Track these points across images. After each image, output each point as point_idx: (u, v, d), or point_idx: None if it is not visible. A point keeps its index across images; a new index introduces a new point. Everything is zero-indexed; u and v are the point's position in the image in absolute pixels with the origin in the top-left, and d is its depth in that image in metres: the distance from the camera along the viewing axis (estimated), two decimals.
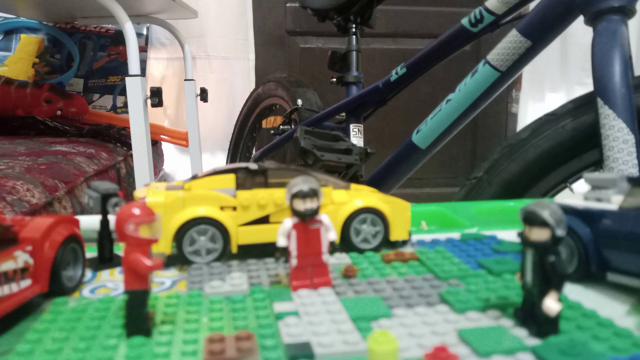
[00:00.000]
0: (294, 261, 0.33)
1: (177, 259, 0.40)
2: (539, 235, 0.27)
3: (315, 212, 0.33)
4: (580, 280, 0.35)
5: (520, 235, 0.28)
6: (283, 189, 0.40)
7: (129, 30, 1.08)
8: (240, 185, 0.41)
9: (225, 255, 0.40)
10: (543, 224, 0.27)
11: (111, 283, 0.36)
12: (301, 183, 0.33)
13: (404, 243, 0.44)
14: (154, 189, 0.41)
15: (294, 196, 0.33)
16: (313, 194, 0.32)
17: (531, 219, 0.27)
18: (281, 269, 0.38)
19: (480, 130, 2.18)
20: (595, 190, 0.36)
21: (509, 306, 0.31)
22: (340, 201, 0.42)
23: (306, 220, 0.33)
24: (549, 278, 0.27)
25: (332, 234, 0.34)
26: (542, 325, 0.27)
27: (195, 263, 0.39)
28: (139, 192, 0.42)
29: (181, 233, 0.39)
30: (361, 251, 0.42)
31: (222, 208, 0.40)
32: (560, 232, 0.27)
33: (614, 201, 0.34)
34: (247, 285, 0.35)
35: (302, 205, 0.32)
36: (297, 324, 0.29)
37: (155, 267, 0.28)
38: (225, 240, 0.40)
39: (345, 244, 0.42)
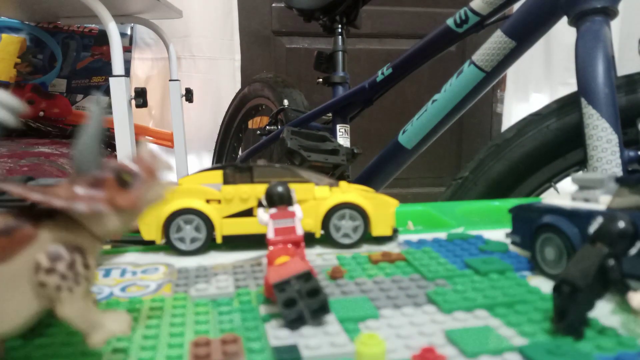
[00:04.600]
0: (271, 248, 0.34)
1: (165, 248, 0.42)
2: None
3: (284, 198, 0.34)
4: None
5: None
6: (266, 185, 0.42)
7: (113, 30, 1.06)
8: (227, 181, 0.43)
9: (209, 246, 0.42)
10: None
11: (94, 287, 0.36)
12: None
13: (390, 239, 0.45)
14: None
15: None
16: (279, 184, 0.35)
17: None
18: None
19: (466, 130, 2.20)
20: (582, 191, 0.36)
21: (496, 306, 0.31)
22: (321, 197, 0.43)
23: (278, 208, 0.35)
24: (608, 281, 0.27)
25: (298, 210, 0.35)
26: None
27: (180, 250, 0.42)
28: None
29: (169, 222, 0.41)
30: (342, 246, 0.43)
31: (208, 201, 0.42)
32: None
33: (601, 201, 0.34)
34: (233, 288, 0.34)
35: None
36: (284, 326, 0.28)
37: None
38: (208, 230, 0.42)
39: (326, 239, 0.43)
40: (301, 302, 0.28)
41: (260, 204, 0.37)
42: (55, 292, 0.22)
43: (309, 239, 0.43)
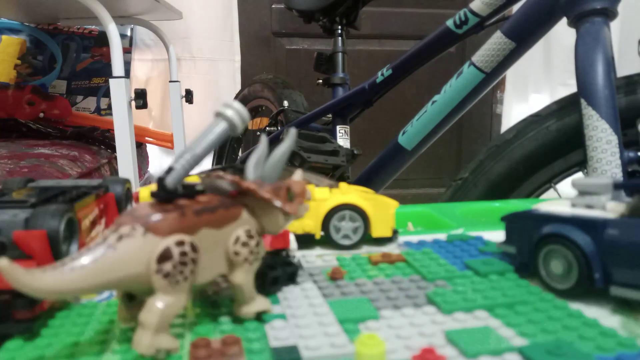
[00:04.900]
0: None
1: None
2: None
3: None
4: (582, 296, 0.32)
5: None
6: None
7: (113, 32, 1.06)
8: None
9: None
10: None
11: None
12: None
13: (390, 241, 0.44)
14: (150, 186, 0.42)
15: None
16: None
17: None
18: None
19: (465, 131, 2.20)
20: (584, 196, 0.34)
21: (495, 307, 0.31)
22: (321, 198, 0.43)
23: None
24: None
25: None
26: None
27: None
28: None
29: None
30: (342, 247, 0.43)
31: None
32: None
33: (609, 208, 0.32)
34: None
35: None
36: (284, 327, 0.28)
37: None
38: None
39: (326, 240, 0.43)
40: (280, 268, 0.34)
41: None
42: (241, 262, 0.28)
43: (309, 240, 0.43)
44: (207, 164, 1.90)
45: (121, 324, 0.28)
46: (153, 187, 0.41)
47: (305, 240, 0.43)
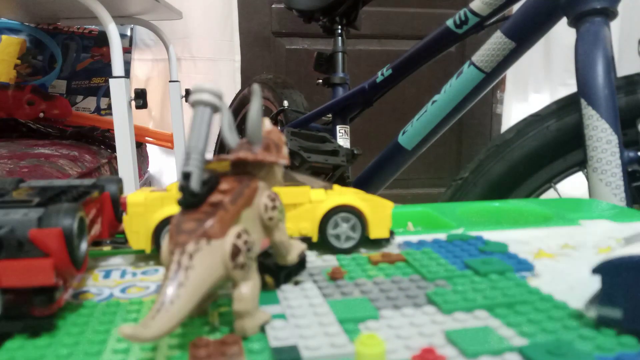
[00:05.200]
0: None
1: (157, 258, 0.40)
2: None
3: None
4: None
5: None
6: None
7: (113, 32, 1.07)
8: None
9: None
10: None
11: (95, 288, 0.36)
12: None
13: (387, 242, 0.44)
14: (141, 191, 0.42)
15: None
16: None
17: None
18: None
19: (465, 131, 2.20)
20: None
21: (495, 306, 0.31)
22: (318, 199, 0.42)
23: None
24: None
25: None
26: None
27: None
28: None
29: (159, 230, 0.39)
30: (340, 250, 0.42)
31: None
32: None
33: None
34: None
35: None
36: (284, 327, 0.28)
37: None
38: None
39: (324, 243, 0.42)
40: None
41: None
42: (275, 224, 0.31)
43: (306, 243, 0.43)
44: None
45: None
46: (139, 193, 0.41)
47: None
